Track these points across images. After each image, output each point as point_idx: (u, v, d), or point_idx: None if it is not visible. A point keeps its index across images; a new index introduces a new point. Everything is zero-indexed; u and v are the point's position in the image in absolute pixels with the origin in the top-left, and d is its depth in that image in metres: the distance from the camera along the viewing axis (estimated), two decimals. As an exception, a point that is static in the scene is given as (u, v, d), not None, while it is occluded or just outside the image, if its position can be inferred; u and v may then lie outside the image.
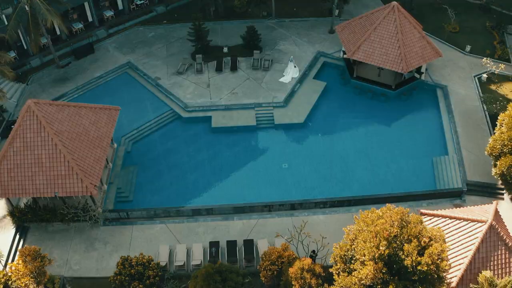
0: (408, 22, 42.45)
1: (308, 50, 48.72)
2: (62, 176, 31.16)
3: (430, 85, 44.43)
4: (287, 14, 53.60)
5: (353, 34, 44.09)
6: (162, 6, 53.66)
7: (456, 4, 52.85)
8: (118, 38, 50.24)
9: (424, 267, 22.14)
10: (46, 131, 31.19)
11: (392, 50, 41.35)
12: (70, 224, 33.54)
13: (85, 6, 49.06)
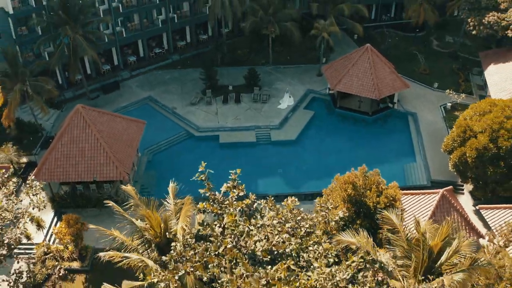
0: (380, 60, 53.36)
1: (300, 88, 59.34)
2: (100, 164, 39.98)
3: (402, 113, 54.49)
4: (282, 61, 64.94)
5: (336, 71, 54.88)
6: (176, 55, 65.09)
7: (428, 53, 64.87)
8: (140, 79, 61.00)
9: (382, 205, 30.50)
10: (90, 129, 40.52)
11: (367, 81, 51.81)
12: (101, 210, 41.63)
13: (112, 52, 60.33)
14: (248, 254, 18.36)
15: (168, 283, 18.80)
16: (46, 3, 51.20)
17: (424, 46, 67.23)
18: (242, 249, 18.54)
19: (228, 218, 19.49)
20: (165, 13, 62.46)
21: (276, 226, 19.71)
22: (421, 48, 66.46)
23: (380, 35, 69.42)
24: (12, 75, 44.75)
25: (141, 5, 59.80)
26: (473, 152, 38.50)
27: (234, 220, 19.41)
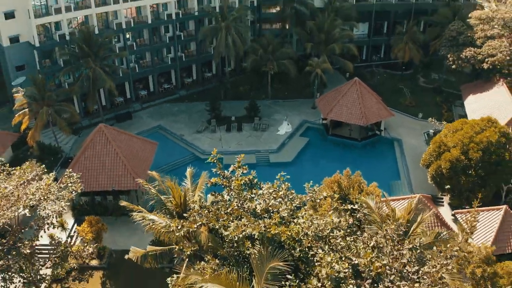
0: (367, 92, 60.46)
1: (296, 119, 66.15)
2: (119, 176, 45.96)
3: (388, 139, 61.04)
4: (280, 97, 72.12)
5: (328, 102, 61.85)
6: (183, 90, 72.37)
7: (415, 89, 72.43)
8: (150, 111, 67.86)
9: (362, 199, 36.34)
10: (110, 145, 46.80)
11: (356, 110, 58.64)
12: (117, 218, 47.21)
13: (125, 86, 67.57)
14: (250, 212, 24.22)
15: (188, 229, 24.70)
16: (69, 38, 58.87)
17: (411, 82, 74.79)
18: (245, 209, 24.40)
19: (235, 182, 25.54)
20: (174, 52, 70.32)
21: (272, 193, 25.65)
22: (408, 84, 73.93)
23: (370, 73, 77.14)
24: (40, 99, 51.43)
25: (152, 44, 67.77)
26: (447, 164, 44.67)
27: (239, 185, 25.45)
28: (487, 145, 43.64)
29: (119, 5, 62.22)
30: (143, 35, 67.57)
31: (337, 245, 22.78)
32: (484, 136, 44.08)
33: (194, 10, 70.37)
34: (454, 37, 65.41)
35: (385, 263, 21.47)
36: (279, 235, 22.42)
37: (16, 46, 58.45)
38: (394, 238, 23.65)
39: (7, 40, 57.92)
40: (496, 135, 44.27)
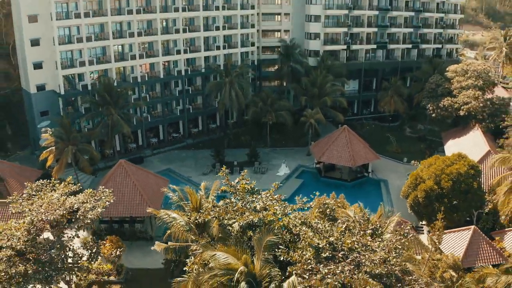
0: (355, 138, 69.14)
1: (292, 164, 74.41)
2: (136, 204, 53.50)
3: (375, 180, 68.98)
4: (278, 145, 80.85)
5: (320, 147, 70.38)
6: (190, 139, 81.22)
7: (401, 138, 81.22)
8: (160, 156, 76.26)
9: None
10: (129, 178, 54.73)
11: (345, 153, 66.98)
12: (133, 243, 54.29)
13: (138, 133, 76.41)
14: (252, 209, 32.10)
15: (203, 219, 32.52)
16: (91, 88, 68.37)
17: (398, 133, 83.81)
18: (248, 208, 32.30)
19: (241, 186, 33.64)
20: (183, 104, 79.88)
21: (268, 197, 33.74)
22: (395, 134, 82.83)
23: (360, 125, 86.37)
24: (65, 139, 59.92)
25: (163, 97, 77.55)
26: (422, 194, 52.41)
27: (243, 189, 33.52)
28: (457, 175, 51.53)
29: (135, 61, 72.40)
30: (155, 88, 77.43)
31: (318, 228, 30.61)
32: (454, 168, 52.09)
33: (201, 67, 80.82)
34: (434, 89, 75.15)
35: (354, 239, 29.22)
36: (273, 222, 30.41)
37: (42, 94, 68.07)
38: (360, 222, 31.53)
39: (34, 88, 67.59)
40: (465, 167, 52.29)
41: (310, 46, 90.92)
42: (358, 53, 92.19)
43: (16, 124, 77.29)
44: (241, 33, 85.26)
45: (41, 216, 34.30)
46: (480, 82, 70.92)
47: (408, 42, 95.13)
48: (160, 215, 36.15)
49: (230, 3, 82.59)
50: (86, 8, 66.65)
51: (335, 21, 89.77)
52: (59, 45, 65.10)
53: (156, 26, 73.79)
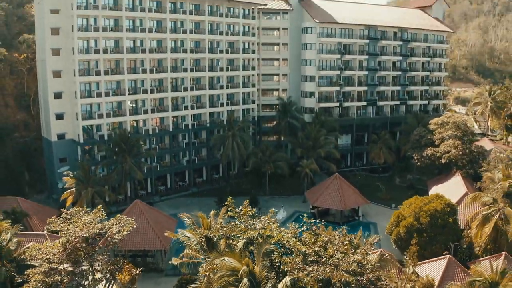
0: (346, 184, 77.39)
1: (289, 210, 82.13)
2: (149, 239, 61.03)
3: (366, 223, 76.61)
4: (276, 194, 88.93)
5: (314, 193, 78.50)
6: (195, 187, 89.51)
7: (391, 187, 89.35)
8: (167, 202, 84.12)
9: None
10: (143, 215, 62.53)
11: (336, 198, 74.91)
12: (144, 275, 61.28)
13: (147, 181, 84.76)
14: (253, 229, 40.25)
15: (213, 235, 40.55)
16: (107, 138, 77.40)
17: (388, 182, 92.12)
18: (249, 228, 40.46)
19: (243, 211, 41.94)
20: (189, 156, 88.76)
21: (266, 220, 41.92)
22: (385, 184, 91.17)
23: (353, 175, 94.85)
24: (85, 181, 68.19)
25: (172, 148, 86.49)
26: (404, 229, 60.07)
27: (246, 211, 41.77)
28: (434, 212, 59.40)
29: (148, 115, 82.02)
30: (164, 140, 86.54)
31: (305, 241, 38.71)
32: (431, 206, 60.03)
33: (206, 122, 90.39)
34: (418, 140, 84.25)
35: (335, 248, 37.24)
36: (270, 237, 38.49)
37: (62, 142, 77.12)
38: (340, 236, 39.56)
39: (55, 136, 76.76)
40: (441, 205, 60.25)
41: (306, 104, 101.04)
42: (350, 110, 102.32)
43: (33, 169, 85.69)
44: (243, 92, 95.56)
45: (77, 234, 42.20)
46: (459, 133, 79.87)
47: (396, 99, 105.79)
48: (178, 236, 43.79)
49: (233, 65, 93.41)
50: (106, 67, 76.91)
51: (328, 81, 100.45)
52: (81, 99, 74.81)
53: (167, 84, 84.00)
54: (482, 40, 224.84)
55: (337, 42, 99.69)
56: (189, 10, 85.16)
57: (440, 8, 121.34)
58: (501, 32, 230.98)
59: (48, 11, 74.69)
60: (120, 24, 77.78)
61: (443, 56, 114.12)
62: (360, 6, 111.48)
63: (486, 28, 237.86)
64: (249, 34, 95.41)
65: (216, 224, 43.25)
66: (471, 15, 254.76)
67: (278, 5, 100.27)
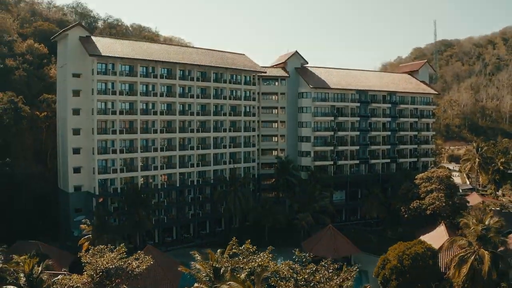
0: (338, 234, 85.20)
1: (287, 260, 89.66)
2: (159, 279, 68.61)
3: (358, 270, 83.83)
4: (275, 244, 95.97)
5: (310, 243, 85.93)
6: (199, 239, 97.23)
7: (383, 239, 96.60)
8: (173, 253, 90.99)
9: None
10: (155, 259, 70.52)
11: (330, 247, 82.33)
12: (154, 314, 68.29)
13: (155, 232, 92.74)
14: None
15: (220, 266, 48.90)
16: (120, 191, 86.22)
17: (380, 235, 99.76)
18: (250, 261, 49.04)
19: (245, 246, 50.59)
20: (194, 210, 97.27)
21: (265, 256, 50.43)
22: (377, 236, 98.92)
23: (347, 228, 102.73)
24: (101, 229, 76.35)
25: (178, 202, 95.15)
26: (389, 271, 67.77)
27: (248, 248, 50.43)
28: (415, 255, 67.40)
29: (157, 171, 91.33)
30: (171, 195, 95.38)
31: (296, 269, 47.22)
32: (413, 250, 68.06)
33: (210, 178, 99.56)
34: (405, 193, 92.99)
35: (321, 275, 45.67)
36: (267, 268, 47.02)
37: (79, 193, 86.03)
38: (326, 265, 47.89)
39: (72, 188, 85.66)
40: (422, 249, 68.33)
41: (302, 162, 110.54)
42: (343, 168, 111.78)
43: (47, 218, 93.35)
44: (244, 151, 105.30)
45: (104, 265, 50.40)
46: (442, 186, 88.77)
47: (387, 157, 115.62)
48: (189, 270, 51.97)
49: (235, 126, 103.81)
50: (121, 126, 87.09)
51: (323, 141, 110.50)
52: (98, 155, 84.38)
53: (175, 143, 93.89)
54: (474, 100, 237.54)
55: (330, 105, 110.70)
56: (196, 77, 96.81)
57: (426, 72, 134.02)
58: (492, 91, 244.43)
59: (71, 75, 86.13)
60: (135, 88, 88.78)
61: (430, 116, 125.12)
62: (351, 72, 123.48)
63: (477, 88, 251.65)
64: (250, 98, 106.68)
65: (223, 258, 51.38)
66: (463, 75, 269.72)
67: (277, 73, 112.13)
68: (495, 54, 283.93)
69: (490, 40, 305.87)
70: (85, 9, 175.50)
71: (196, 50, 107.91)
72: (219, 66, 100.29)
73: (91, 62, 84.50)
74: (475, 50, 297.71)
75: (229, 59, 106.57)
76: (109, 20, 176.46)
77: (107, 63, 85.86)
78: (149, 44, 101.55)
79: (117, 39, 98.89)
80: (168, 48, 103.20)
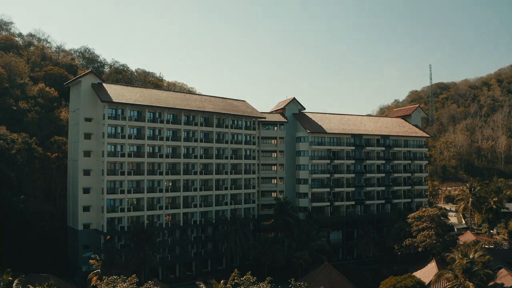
0: (334, 271, 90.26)
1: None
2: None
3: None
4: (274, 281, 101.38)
5: (307, 280, 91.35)
6: (201, 277, 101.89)
7: (378, 277, 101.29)
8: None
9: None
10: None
11: (326, 284, 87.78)
12: None
13: (158, 269, 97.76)
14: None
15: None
16: (127, 230, 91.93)
17: (376, 273, 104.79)
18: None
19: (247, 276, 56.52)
20: (196, 248, 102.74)
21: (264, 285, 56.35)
22: (373, 274, 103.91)
23: (343, 267, 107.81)
24: (109, 264, 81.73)
25: (181, 241, 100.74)
26: (384, 302, 73.26)
27: (248, 278, 56.39)
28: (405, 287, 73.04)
29: (162, 211, 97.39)
30: (175, 234, 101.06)
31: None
32: (403, 283, 73.64)
33: (212, 218, 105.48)
34: (398, 232, 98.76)
35: None
36: None
37: (87, 231, 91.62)
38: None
39: (81, 226, 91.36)
40: (412, 282, 73.85)
41: (300, 203, 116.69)
42: (340, 208, 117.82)
43: (55, 255, 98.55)
44: (245, 193, 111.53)
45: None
46: (433, 224, 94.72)
47: (382, 198, 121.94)
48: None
49: (236, 169, 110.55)
50: (129, 168, 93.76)
51: (320, 183, 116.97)
52: (107, 194, 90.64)
53: (179, 185, 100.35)
54: (470, 141, 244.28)
55: (327, 149, 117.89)
56: (200, 122, 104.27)
57: (419, 116, 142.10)
58: (487, 132, 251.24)
59: (83, 119, 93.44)
60: (142, 133, 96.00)
61: (423, 158, 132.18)
62: (346, 117, 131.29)
63: (473, 129, 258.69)
64: (251, 142, 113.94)
65: (227, 286, 57.05)
66: (459, 117, 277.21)
67: (275, 118, 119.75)
68: (490, 95, 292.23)
69: (485, 82, 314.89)
70: (92, 54, 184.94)
71: (200, 97, 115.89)
72: (221, 112, 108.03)
73: (102, 108, 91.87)
74: (470, 92, 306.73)
75: (231, 105, 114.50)
76: (116, 65, 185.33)
77: (117, 108, 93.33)
78: (156, 91, 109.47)
79: (126, 86, 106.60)
80: (174, 95, 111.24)
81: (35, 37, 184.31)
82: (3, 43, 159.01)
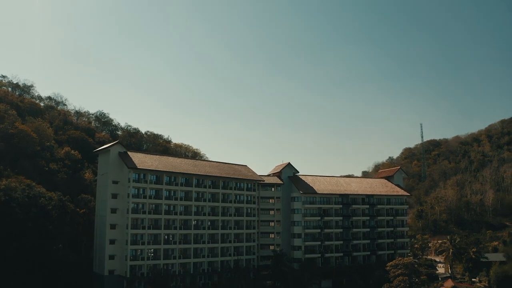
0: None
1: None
2: None
3: None
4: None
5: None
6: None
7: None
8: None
9: None
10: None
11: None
12: None
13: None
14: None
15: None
16: (146, 276, 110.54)
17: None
18: None
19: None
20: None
21: None
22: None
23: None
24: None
25: (192, 287, 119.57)
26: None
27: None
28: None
29: (176, 260, 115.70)
30: (186, 280, 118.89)
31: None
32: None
33: (218, 267, 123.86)
34: (378, 279, 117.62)
35: None
36: None
37: (112, 276, 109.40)
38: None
39: (107, 271, 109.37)
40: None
41: (295, 255, 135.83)
42: (330, 259, 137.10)
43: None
44: (246, 245, 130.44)
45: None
46: (407, 271, 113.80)
47: (367, 250, 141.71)
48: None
49: (238, 225, 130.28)
50: (148, 223, 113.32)
51: (312, 237, 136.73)
52: (130, 245, 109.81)
53: (190, 238, 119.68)
54: (459, 195, 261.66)
55: (317, 207, 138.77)
56: (208, 185, 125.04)
57: (400, 176, 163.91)
58: (476, 187, 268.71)
59: (111, 182, 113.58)
60: (160, 194, 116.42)
61: (404, 214, 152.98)
62: (335, 179, 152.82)
63: (462, 184, 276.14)
64: (251, 202, 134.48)
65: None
66: (450, 173, 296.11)
67: (273, 180, 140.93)
68: (480, 151, 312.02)
69: (475, 138, 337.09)
70: (107, 117, 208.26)
71: (208, 163, 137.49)
72: (226, 176, 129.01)
73: (127, 173, 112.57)
74: (461, 148, 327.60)
75: (234, 169, 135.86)
76: (128, 128, 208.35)
77: (140, 173, 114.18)
78: (172, 159, 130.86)
79: (147, 154, 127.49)
80: (186, 161, 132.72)
81: (54, 101, 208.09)
82: (29, 107, 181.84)
